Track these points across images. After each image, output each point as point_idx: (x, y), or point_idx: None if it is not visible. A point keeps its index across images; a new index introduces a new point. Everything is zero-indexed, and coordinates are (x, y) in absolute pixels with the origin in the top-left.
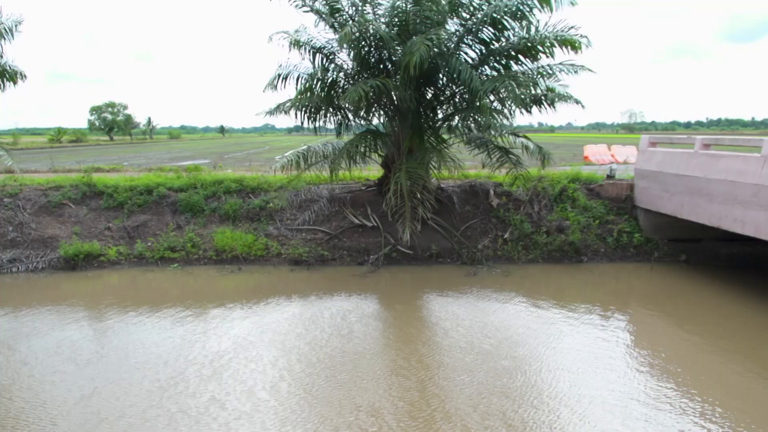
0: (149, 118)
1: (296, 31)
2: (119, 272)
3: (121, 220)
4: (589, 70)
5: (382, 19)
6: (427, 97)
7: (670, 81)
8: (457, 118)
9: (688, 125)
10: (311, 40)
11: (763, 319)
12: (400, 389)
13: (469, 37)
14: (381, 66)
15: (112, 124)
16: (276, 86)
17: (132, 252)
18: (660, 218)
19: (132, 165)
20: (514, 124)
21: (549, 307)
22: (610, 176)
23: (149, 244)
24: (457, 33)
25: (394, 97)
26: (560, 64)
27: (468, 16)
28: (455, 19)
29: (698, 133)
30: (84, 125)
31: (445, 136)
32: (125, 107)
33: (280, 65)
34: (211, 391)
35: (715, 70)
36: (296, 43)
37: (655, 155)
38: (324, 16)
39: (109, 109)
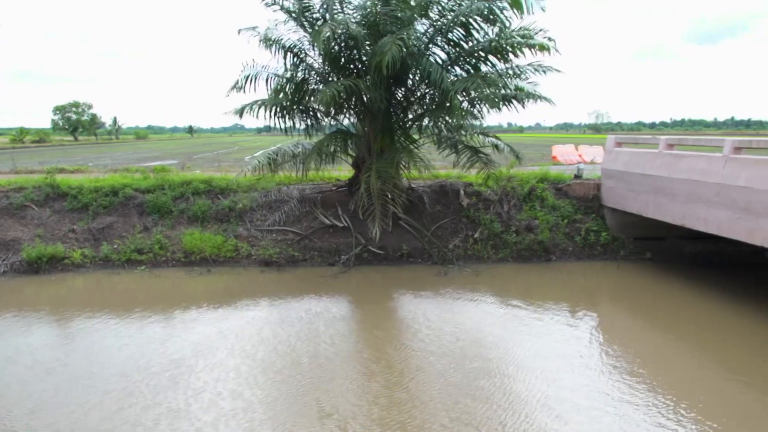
0: (115, 118)
1: (267, 29)
2: (84, 275)
3: (86, 222)
4: (557, 70)
5: (353, 19)
6: (398, 98)
7: (636, 82)
8: (427, 118)
9: (653, 126)
10: (281, 39)
11: (725, 315)
12: (370, 395)
13: (440, 38)
14: (351, 66)
15: (76, 124)
16: (243, 88)
17: (97, 254)
18: (626, 217)
19: (97, 166)
20: (484, 125)
21: (519, 306)
22: (577, 176)
23: (115, 246)
24: (428, 34)
25: (365, 98)
26: (529, 64)
27: (438, 17)
28: (425, 20)
29: (662, 134)
30: (47, 125)
31: (416, 137)
32: (90, 107)
33: (245, 66)
34: (171, 401)
35: (679, 72)
36: (266, 41)
37: (621, 155)
38: (294, 14)
39: (74, 109)
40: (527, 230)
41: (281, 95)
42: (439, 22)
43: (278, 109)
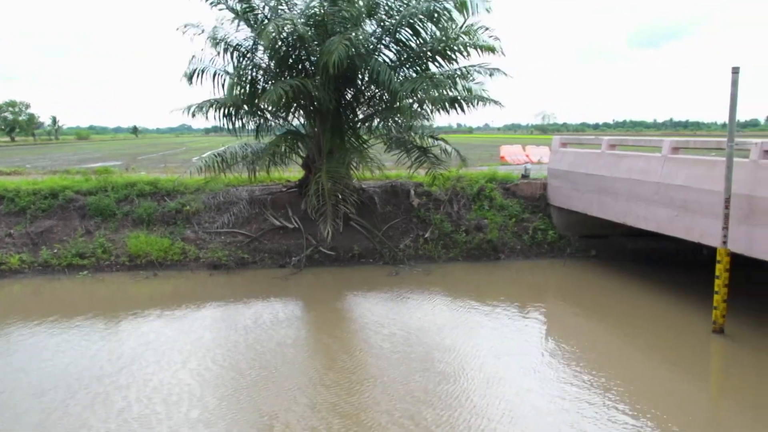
0: (54, 118)
1: (214, 27)
2: (22, 282)
3: (24, 226)
4: (503, 72)
5: (300, 19)
6: (348, 98)
7: (581, 84)
8: (377, 118)
9: (596, 126)
10: (227, 37)
11: (665, 309)
12: (322, 403)
13: (388, 39)
14: (300, 66)
15: (13, 124)
16: (191, 79)
17: (36, 260)
18: (572, 216)
19: (35, 167)
20: (434, 125)
21: (470, 306)
22: (524, 176)
23: (55, 250)
24: (376, 34)
25: (314, 98)
26: (477, 66)
27: (386, 18)
28: (374, 20)
29: (605, 134)
30: None
31: (366, 137)
32: (28, 106)
33: (193, 57)
34: (112, 413)
35: (622, 74)
36: (212, 40)
37: (566, 155)
38: (240, 13)
39: (10, 109)
40: (477, 230)
41: (230, 94)
42: (386, 23)
43: (227, 110)
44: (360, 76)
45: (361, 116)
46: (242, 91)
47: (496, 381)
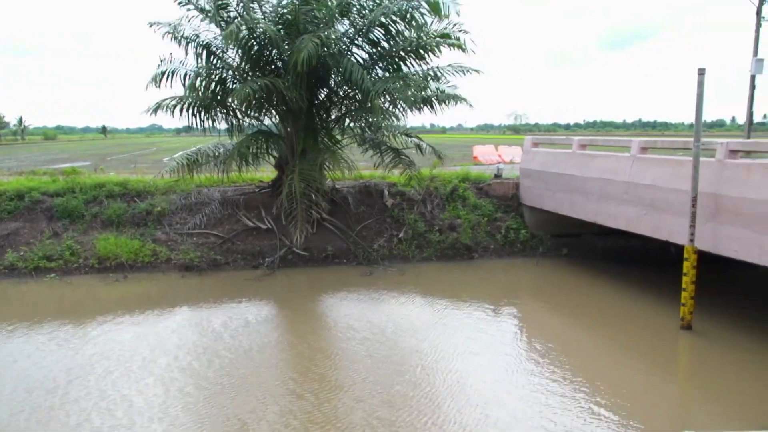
0: (21, 118)
1: (179, 25)
2: None
3: None
4: (475, 70)
5: (270, 18)
6: (320, 98)
7: (552, 85)
8: (349, 118)
9: (567, 127)
10: (197, 36)
11: (633, 306)
12: (295, 411)
13: (360, 38)
14: (272, 65)
15: None
16: (159, 83)
17: (1, 263)
18: (543, 215)
19: (0, 168)
20: (407, 125)
21: (445, 305)
22: (497, 175)
23: (21, 253)
24: (348, 34)
25: (286, 97)
26: (449, 65)
27: (359, 18)
28: (346, 20)
29: (576, 134)
30: None
31: (339, 137)
32: None
33: (162, 60)
34: (67, 428)
35: (592, 75)
36: (180, 39)
37: (537, 155)
38: (209, 13)
39: None
40: (450, 229)
41: (200, 93)
42: (359, 23)
43: (197, 108)
44: (332, 76)
45: (334, 116)
46: (211, 89)
47: (472, 382)
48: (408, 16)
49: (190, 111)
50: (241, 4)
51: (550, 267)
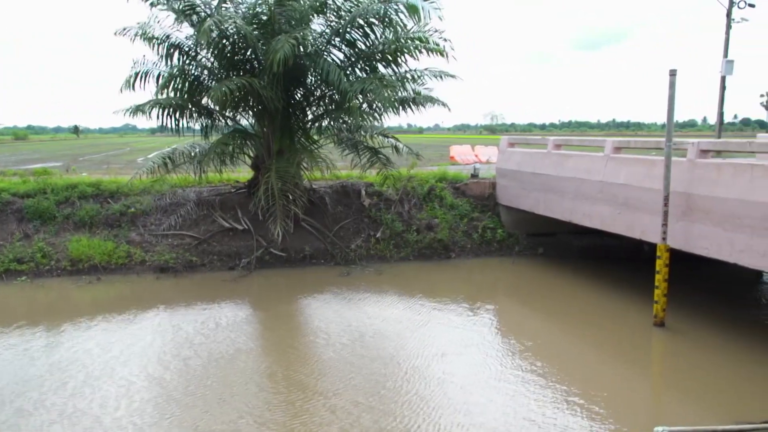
0: None
1: (149, 26)
2: None
3: None
4: (452, 76)
5: (245, 17)
6: (297, 98)
7: (528, 85)
8: (327, 118)
9: (543, 127)
10: (169, 37)
11: (607, 303)
12: (271, 422)
13: (337, 39)
14: (248, 65)
15: None
16: (133, 86)
17: None
18: (519, 214)
19: None
20: (385, 126)
21: (423, 305)
22: (474, 175)
23: None
24: (325, 34)
25: (262, 97)
26: (427, 69)
27: (336, 18)
28: (323, 20)
29: (551, 134)
30: None
31: (316, 137)
32: None
33: (135, 62)
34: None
35: (567, 76)
36: (150, 40)
37: (513, 155)
38: (182, 13)
39: None
40: (427, 229)
41: (174, 93)
42: (336, 23)
43: (172, 109)
44: (309, 76)
45: (311, 116)
46: (185, 89)
47: (452, 384)
48: (386, 18)
49: (165, 112)
50: (214, 4)
51: (526, 266)
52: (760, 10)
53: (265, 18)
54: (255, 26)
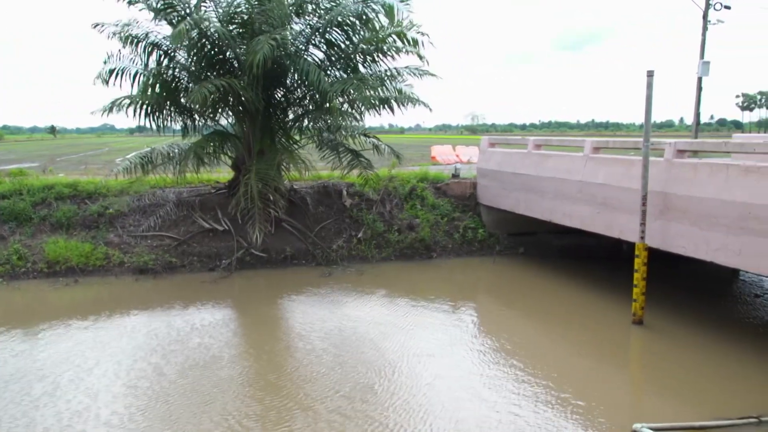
0: None
1: (127, 25)
2: None
3: None
4: (432, 74)
5: (224, 18)
6: (277, 98)
7: (508, 86)
8: (307, 119)
9: (524, 127)
10: (147, 36)
11: (587, 302)
12: (253, 425)
13: (317, 39)
14: (227, 65)
15: None
16: (107, 82)
17: None
18: (500, 214)
19: None
20: (366, 126)
21: (404, 305)
22: (455, 175)
23: None
24: (305, 34)
25: (242, 98)
26: (407, 68)
27: (315, 18)
28: (302, 20)
29: (532, 135)
30: None
31: (297, 138)
32: None
33: (109, 57)
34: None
35: (547, 77)
36: (128, 39)
37: (494, 155)
38: (160, 12)
39: None
40: (409, 229)
41: (149, 92)
42: (316, 23)
43: (150, 108)
44: (289, 76)
45: (291, 117)
46: (164, 89)
47: (437, 390)
48: (365, 17)
49: (143, 111)
50: (193, 4)
51: (507, 265)
52: (735, 12)
53: (244, 17)
54: (235, 26)
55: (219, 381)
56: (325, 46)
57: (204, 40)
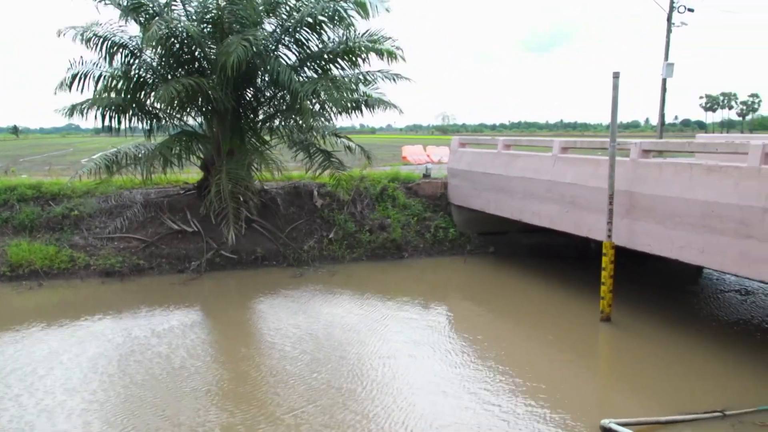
0: None
1: (92, 24)
2: None
3: None
4: (406, 78)
5: (194, 17)
6: (247, 98)
7: (478, 86)
8: (278, 119)
9: (494, 127)
10: (112, 36)
11: (556, 299)
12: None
13: (288, 39)
14: (196, 64)
15: None
16: (71, 87)
17: None
18: (471, 213)
19: None
20: (337, 126)
21: (376, 306)
22: (426, 175)
23: None
24: (275, 34)
25: (211, 97)
26: (379, 71)
27: (286, 17)
28: (273, 20)
29: (501, 135)
30: None
31: (267, 138)
32: None
33: (72, 62)
34: None
35: (516, 77)
36: (94, 38)
37: (464, 155)
38: (128, 11)
39: None
40: (380, 229)
41: (114, 94)
42: (287, 23)
43: (115, 110)
44: (260, 76)
45: (261, 117)
46: (129, 89)
47: (415, 385)
48: (336, 16)
49: (108, 113)
50: (162, 2)
51: (477, 264)
52: (698, 15)
53: (214, 17)
54: (205, 25)
55: (185, 392)
56: (295, 47)
57: (173, 39)
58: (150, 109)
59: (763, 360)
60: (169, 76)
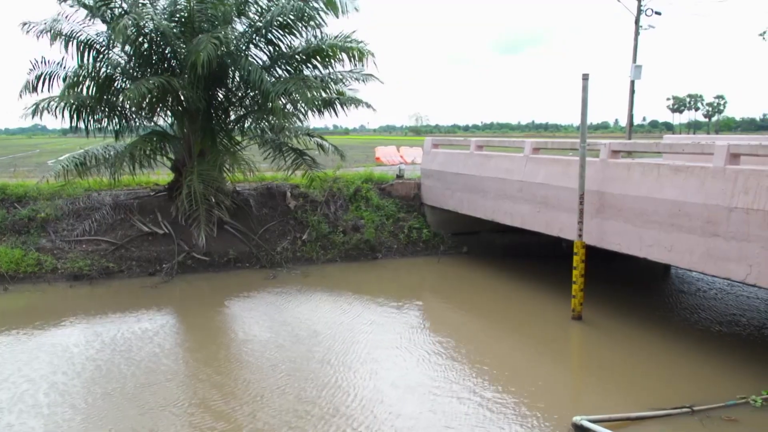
0: None
1: (54, 21)
2: None
3: None
4: (378, 79)
5: (164, 15)
6: (219, 98)
7: (451, 87)
8: (250, 119)
9: (466, 128)
10: (78, 33)
11: (528, 298)
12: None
13: (258, 38)
14: (165, 64)
15: None
16: (35, 88)
17: None
18: (444, 214)
19: None
20: (310, 127)
21: (349, 305)
22: (399, 176)
23: None
24: (247, 33)
25: (182, 97)
26: (351, 71)
27: (257, 17)
28: (244, 19)
29: (474, 136)
30: None
31: (239, 138)
32: None
33: (35, 63)
34: None
35: (488, 79)
36: (59, 36)
37: (437, 156)
38: (94, 9)
39: None
40: (354, 230)
41: (88, 93)
42: (258, 22)
43: (81, 110)
44: (231, 76)
45: (233, 117)
46: (96, 89)
47: (377, 376)
48: (305, 16)
49: (74, 113)
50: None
51: (451, 264)
52: (666, 18)
53: (184, 15)
54: (174, 23)
55: (153, 405)
56: (266, 46)
57: (142, 38)
58: (119, 109)
59: (730, 355)
60: (139, 75)
